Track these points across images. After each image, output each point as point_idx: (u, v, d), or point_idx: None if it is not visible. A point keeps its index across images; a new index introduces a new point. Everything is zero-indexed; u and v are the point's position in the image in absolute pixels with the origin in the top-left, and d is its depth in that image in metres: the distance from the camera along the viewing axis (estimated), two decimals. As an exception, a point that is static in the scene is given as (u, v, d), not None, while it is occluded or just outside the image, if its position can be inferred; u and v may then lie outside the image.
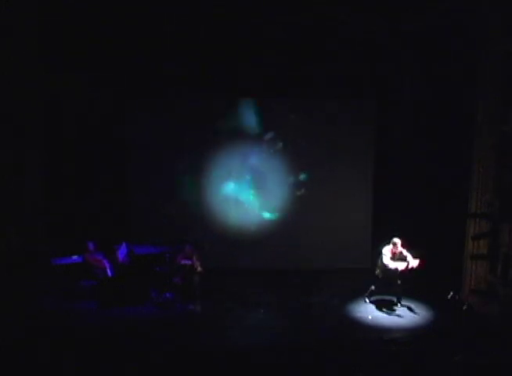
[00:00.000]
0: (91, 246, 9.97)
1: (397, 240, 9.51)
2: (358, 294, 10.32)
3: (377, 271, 9.67)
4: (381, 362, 7.62)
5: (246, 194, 11.92)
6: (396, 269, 9.42)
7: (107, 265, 9.93)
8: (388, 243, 9.57)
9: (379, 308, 9.75)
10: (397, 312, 9.56)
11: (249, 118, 11.67)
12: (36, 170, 9.11)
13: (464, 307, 9.56)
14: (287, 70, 11.08)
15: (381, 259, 9.54)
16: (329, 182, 11.87)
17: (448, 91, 10.50)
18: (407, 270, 9.44)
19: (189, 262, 9.94)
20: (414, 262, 9.41)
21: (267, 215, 11.97)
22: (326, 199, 11.88)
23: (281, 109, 11.69)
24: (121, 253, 10.21)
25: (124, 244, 10.36)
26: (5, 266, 8.13)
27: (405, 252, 9.51)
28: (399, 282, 9.54)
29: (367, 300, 9.91)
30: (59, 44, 10.02)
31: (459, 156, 10.28)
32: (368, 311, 9.64)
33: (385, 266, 9.46)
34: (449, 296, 9.91)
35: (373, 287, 9.80)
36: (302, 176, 11.86)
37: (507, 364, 7.34)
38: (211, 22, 10.39)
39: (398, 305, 9.73)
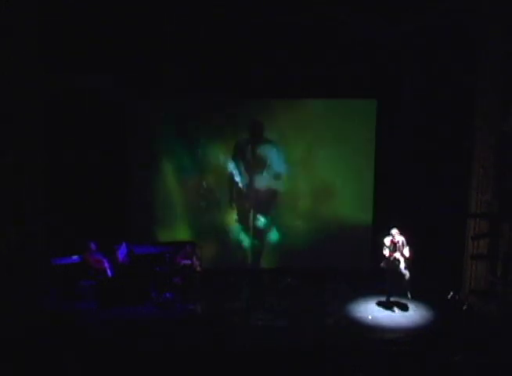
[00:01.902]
0: (93, 246, 9.97)
1: (394, 231, 9.62)
2: (358, 294, 10.35)
3: (382, 263, 9.71)
4: (381, 362, 7.63)
5: (246, 194, 11.92)
6: (394, 258, 9.50)
7: (107, 266, 9.93)
8: (388, 234, 9.66)
9: (379, 308, 9.78)
10: (397, 312, 9.59)
11: (249, 118, 11.70)
12: (36, 170, 9.09)
13: (464, 307, 9.57)
14: (287, 70, 11.08)
15: (383, 250, 9.63)
16: (329, 182, 11.87)
17: (448, 91, 10.51)
18: (404, 258, 9.55)
19: (189, 262, 9.94)
20: (406, 252, 9.53)
21: (263, 218, 11.98)
22: (325, 199, 11.88)
23: (281, 109, 11.68)
24: (121, 253, 10.21)
25: (124, 244, 10.37)
26: (5, 266, 8.12)
27: (404, 242, 9.57)
28: (407, 277, 9.56)
29: (386, 300, 9.87)
30: (59, 44, 10.02)
31: (459, 156, 10.28)
32: (368, 311, 9.65)
33: (385, 257, 9.56)
34: (449, 296, 9.92)
35: (388, 285, 9.79)
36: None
37: (507, 364, 7.35)
38: (211, 22, 10.39)
39: (409, 295, 9.71)
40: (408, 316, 9.49)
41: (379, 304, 9.87)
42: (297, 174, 11.85)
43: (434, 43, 10.51)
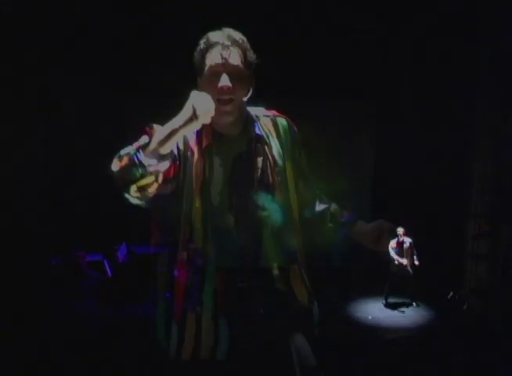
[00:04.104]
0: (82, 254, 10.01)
1: (399, 229, 9.59)
2: (358, 294, 10.34)
3: (392, 268, 9.70)
4: (381, 362, 7.62)
5: (246, 194, 11.89)
6: (401, 264, 9.51)
7: (107, 266, 9.93)
8: (394, 236, 9.63)
9: (379, 308, 9.78)
10: (397, 312, 9.59)
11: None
12: (36, 170, 9.10)
13: (464, 307, 9.57)
14: (287, 70, 11.06)
15: (389, 253, 9.62)
16: (329, 182, 11.84)
17: (448, 91, 10.50)
18: (413, 266, 9.54)
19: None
20: (416, 260, 9.56)
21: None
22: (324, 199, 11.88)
23: (280, 109, 11.67)
24: (121, 253, 10.20)
25: (124, 244, 10.36)
26: (6, 266, 8.12)
27: (412, 244, 9.56)
28: (413, 284, 9.59)
29: (384, 302, 9.89)
30: (59, 44, 10.01)
31: (459, 155, 10.28)
32: (368, 311, 9.65)
33: (392, 261, 9.56)
34: (449, 296, 9.92)
35: (387, 286, 9.79)
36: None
37: (507, 364, 7.34)
38: (211, 21, 10.36)
39: (414, 304, 9.76)
40: (408, 316, 9.49)
41: (379, 304, 9.87)
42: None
43: (434, 43, 10.49)
